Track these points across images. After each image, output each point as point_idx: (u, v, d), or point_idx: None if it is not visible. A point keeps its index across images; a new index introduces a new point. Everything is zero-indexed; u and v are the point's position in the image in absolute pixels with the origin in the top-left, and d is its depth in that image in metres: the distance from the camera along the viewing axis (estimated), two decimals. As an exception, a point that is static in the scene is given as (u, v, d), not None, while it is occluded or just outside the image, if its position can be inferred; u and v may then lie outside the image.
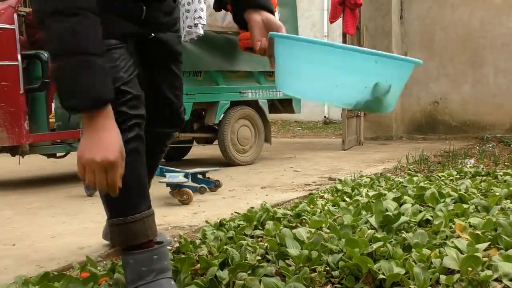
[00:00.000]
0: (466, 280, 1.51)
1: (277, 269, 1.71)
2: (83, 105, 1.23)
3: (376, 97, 1.34)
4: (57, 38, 1.22)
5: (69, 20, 1.21)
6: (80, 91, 1.22)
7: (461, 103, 7.89)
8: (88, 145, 1.23)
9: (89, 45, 1.24)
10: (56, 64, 1.23)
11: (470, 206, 2.44)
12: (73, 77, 1.22)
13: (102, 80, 1.25)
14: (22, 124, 3.86)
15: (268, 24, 1.55)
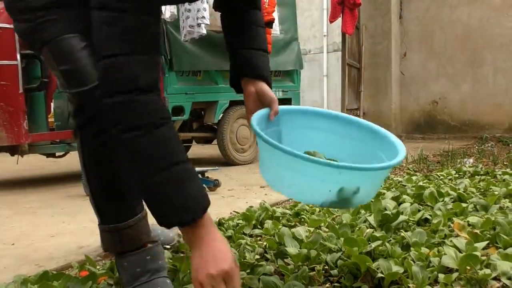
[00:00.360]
0: (465, 279, 1.51)
1: (276, 268, 1.71)
2: (191, 218, 1.15)
3: (343, 198, 1.33)
4: (146, 154, 1.13)
5: (157, 132, 1.13)
6: (183, 204, 1.14)
7: (460, 103, 7.90)
8: (201, 260, 1.15)
9: (179, 153, 1.17)
10: (149, 182, 1.13)
11: (469, 205, 2.44)
12: (174, 191, 1.13)
13: (198, 186, 1.19)
14: (21, 123, 3.86)
15: (261, 96, 1.52)
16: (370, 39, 8.09)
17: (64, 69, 1.34)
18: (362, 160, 1.55)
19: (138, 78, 1.13)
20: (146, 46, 1.17)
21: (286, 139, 1.63)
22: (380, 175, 1.38)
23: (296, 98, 6.18)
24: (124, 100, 1.12)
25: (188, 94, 4.93)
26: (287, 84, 6.04)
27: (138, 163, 1.14)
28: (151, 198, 1.16)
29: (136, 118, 1.12)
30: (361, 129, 1.61)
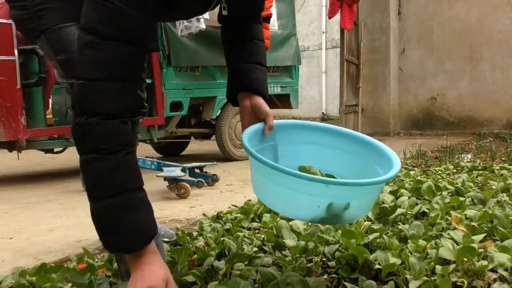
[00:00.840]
0: (462, 270, 1.51)
1: (273, 260, 1.71)
2: (133, 246, 1.16)
3: (332, 214, 1.31)
4: (99, 177, 1.13)
5: (111, 158, 1.14)
6: (128, 232, 1.15)
7: (458, 99, 7.90)
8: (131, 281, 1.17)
9: (131, 181, 1.17)
10: (98, 205, 1.15)
11: (467, 199, 2.44)
12: (119, 218, 1.14)
13: (147, 215, 1.19)
14: (19, 119, 3.85)
15: (256, 110, 1.52)
16: (368, 35, 8.07)
17: (61, 59, 1.34)
18: (358, 174, 1.54)
19: (107, 104, 1.14)
20: (126, 75, 1.17)
21: (282, 155, 1.62)
22: (371, 190, 1.35)
23: (295, 94, 6.18)
24: (90, 122, 1.12)
25: (186, 89, 4.92)
26: (286, 79, 6.03)
27: (91, 185, 1.16)
28: (97, 221, 1.16)
29: (96, 141, 1.13)
30: (357, 143, 1.60)
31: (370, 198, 1.40)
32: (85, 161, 1.14)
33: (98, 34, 1.12)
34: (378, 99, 8.28)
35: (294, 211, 1.40)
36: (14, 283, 1.48)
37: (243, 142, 1.38)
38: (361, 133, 1.62)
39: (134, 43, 1.15)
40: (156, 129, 4.87)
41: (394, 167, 1.38)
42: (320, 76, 13.12)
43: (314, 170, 1.52)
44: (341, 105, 6.73)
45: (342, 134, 1.63)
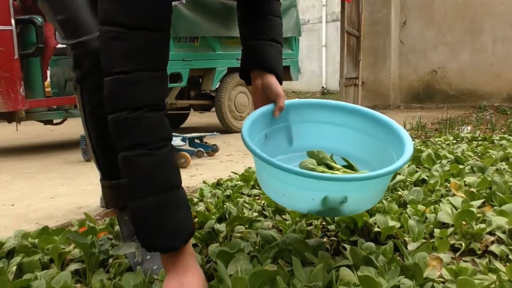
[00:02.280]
0: (460, 233, 1.53)
1: (274, 224, 1.73)
2: (174, 245, 1.13)
3: (329, 208, 1.27)
4: (145, 174, 1.09)
5: (156, 153, 1.09)
6: (171, 231, 1.11)
7: (459, 72, 7.85)
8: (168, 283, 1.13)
9: (175, 178, 1.14)
10: (141, 202, 1.10)
11: (466, 167, 2.45)
12: (163, 216, 1.10)
13: (187, 214, 1.16)
14: (18, 89, 3.84)
15: (267, 90, 1.45)
16: (369, 7, 7.98)
17: (61, 19, 1.32)
18: (374, 157, 1.49)
19: (148, 95, 1.10)
20: (155, 63, 1.13)
21: (297, 135, 1.56)
22: (371, 184, 1.26)
23: (295, 66, 6.14)
24: (133, 116, 1.08)
25: (185, 60, 4.89)
26: (286, 51, 5.98)
27: (135, 182, 1.11)
28: (139, 219, 1.12)
29: (141, 136, 1.09)
30: (375, 123, 1.50)
31: (372, 191, 1.32)
32: (127, 157, 1.09)
33: (123, 25, 1.07)
34: (378, 72, 8.24)
35: (290, 203, 1.39)
36: (16, 244, 1.50)
37: (242, 131, 1.33)
38: (377, 112, 1.53)
39: (159, 29, 1.11)
40: (156, 101, 4.85)
41: (402, 159, 1.28)
42: (320, 50, 13.02)
43: (323, 154, 1.46)
44: (341, 77, 6.69)
45: (359, 113, 1.54)
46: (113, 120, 1.10)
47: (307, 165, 1.40)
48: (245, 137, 1.29)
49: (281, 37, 1.53)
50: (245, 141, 1.28)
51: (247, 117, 1.41)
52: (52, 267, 1.39)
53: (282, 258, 1.37)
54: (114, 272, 1.34)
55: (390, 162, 1.30)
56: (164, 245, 1.12)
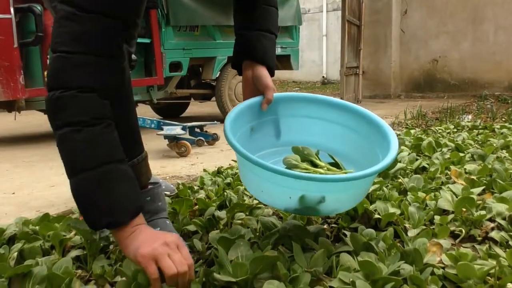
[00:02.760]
0: (460, 220, 1.53)
1: (274, 211, 1.73)
2: (121, 219, 1.08)
3: (306, 207, 1.26)
4: (77, 150, 1.08)
5: (88, 130, 1.08)
6: (114, 205, 1.08)
7: (460, 61, 7.82)
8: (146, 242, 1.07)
9: (111, 152, 1.11)
10: (77, 179, 1.08)
11: (466, 155, 2.45)
12: (102, 191, 1.07)
13: (131, 187, 1.12)
14: (17, 78, 3.82)
15: (256, 81, 1.43)
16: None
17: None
18: (360, 154, 1.47)
19: (84, 77, 1.10)
20: (105, 49, 1.12)
21: (284, 130, 1.54)
22: (351, 185, 1.24)
23: (295, 55, 6.12)
24: (66, 95, 1.08)
25: (185, 49, 4.86)
26: (286, 40, 5.96)
27: (68, 160, 1.10)
28: (78, 197, 1.09)
29: (72, 115, 1.08)
30: (363, 121, 1.49)
31: (352, 192, 1.29)
32: (60, 135, 1.09)
33: (78, 6, 1.08)
34: (379, 61, 8.21)
35: (267, 199, 1.37)
36: (17, 231, 1.50)
37: (225, 122, 1.30)
38: (368, 110, 1.51)
39: (114, 16, 1.11)
40: (156, 90, 4.84)
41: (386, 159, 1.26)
42: (320, 39, 12.97)
43: (308, 151, 1.45)
44: (342, 66, 6.67)
45: (348, 110, 1.52)
46: (48, 98, 1.10)
47: (291, 161, 1.39)
48: (227, 130, 1.27)
49: (276, 28, 1.51)
50: (226, 134, 1.26)
51: (232, 109, 1.38)
52: (53, 254, 1.40)
53: (283, 244, 1.37)
54: (115, 258, 1.34)
55: (376, 162, 1.28)
56: (110, 221, 1.08)
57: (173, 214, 1.65)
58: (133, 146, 1.45)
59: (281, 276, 1.13)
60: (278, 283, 1.07)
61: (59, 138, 1.09)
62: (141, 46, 4.49)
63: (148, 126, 3.68)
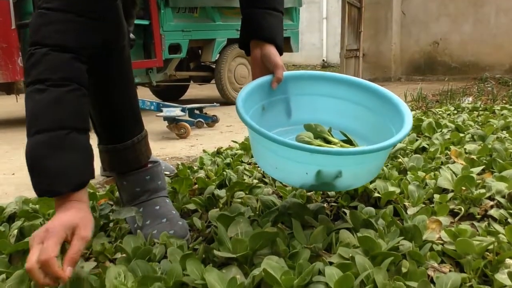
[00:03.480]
0: (460, 198, 1.53)
1: (274, 190, 1.73)
2: (57, 188, 1.03)
3: (323, 182, 1.25)
4: (37, 110, 1.05)
5: (52, 90, 1.05)
6: (56, 173, 1.03)
7: (461, 44, 7.78)
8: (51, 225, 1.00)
9: (72, 119, 1.07)
10: (31, 140, 1.04)
11: (466, 135, 2.45)
12: (49, 155, 1.03)
13: (81, 159, 1.08)
14: (16, 60, 3.80)
15: (266, 60, 1.40)
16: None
17: None
18: (373, 131, 1.46)
19: (59, 36, 1.07)
20: (88, 10, 1.10)
21: (296, 108, 1.52)
22: (368, 158, 1.23)
23: (295, 37, 6.08)
24: (39, 52, 1.06)
25: (184, 31, 4.83)
26: (286, 22, 5.89)
27: (28, 119, 1.06)
28: (28, 158, 1.05)
29: (41, 72, 1.05)
30: (375, 97, 1.47)
31: (368, 166, 1.28)
32: (28, 93, 1.06)
33: None
34: (379, 43, 8.16)
35: (282, 176, 1.36)
36: (17, 209, 1.50)
37: (237, 100, 1.29)
38: (379, 86, 1.49)
39: None
40: (155, 72, 4.82)
41: (400, 133, 1.24)
42: (321, 22, 12.87)
43: (321, 128, 1.43)
44: (342, 49, 6.64)
45: (359, 86, 1.50)
46: (26, 54, 1.09)
47: (304, 138, 1.37)
48: (240, 109, 1.26)
49: (282, 5, 1.48)
50: (240, 112, 1.25)
51: (243, 88, 1.38)
52: (53, 231, 1.40)
53: (282, 222, 1.37)
54: (115, 236, 1.35)
55: (389, 137, 1.26)
56: (48, 188, 1.03)
57: (172, 193, 1.65)
58: (133, 124, 1.45)
59: (280, 252, 1.14)
60: (277, 259, 1.07)
61: (26, 95, 1.07)
62: (140, 28, 4.46)
63: (147, 107, 3.67)
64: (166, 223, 1.35)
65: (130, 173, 1.44)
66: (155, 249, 1.20)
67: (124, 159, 1.43)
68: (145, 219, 1.38)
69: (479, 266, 1.06)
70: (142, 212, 1.39)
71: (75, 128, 1.07)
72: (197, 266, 1.05)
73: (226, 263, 1.14)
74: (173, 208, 1.45)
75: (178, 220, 1.37)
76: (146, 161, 1.50)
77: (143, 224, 1.37)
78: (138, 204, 1.43)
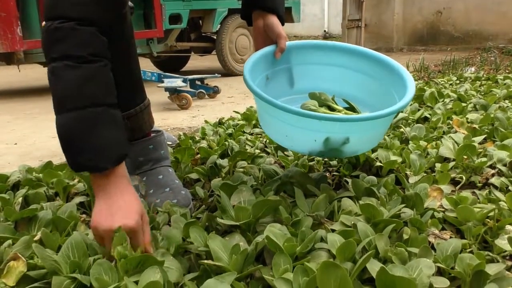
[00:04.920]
0: (461, 167, 1.53)
1: (276, 160, 1.74)
2: (101, 164, 1.02)
3: (330, 148, 1.27)
4: (71, 86, 1.02)
5: (86, 66, 1.03)
6: (96, 148, 1.02)
7: (464, 13, 7.67)
8: (106, 212, 1.01)
9: (106, 95, 1.07)
10: (65, 117, 1.02)
11: (469, 105, 2.44)
12: (87, 132, 1.02)
13: (118, 134, 1.07)
14: (15, 30, 3.76)
15: (269, 31, 1.42)
16: None
17: None
18: (376, 98, 1.48)
19: (86, 8, 1.05)
20: None
21: (298, 77, 1.55)
22: (374, 124, 1.26)
23: (297, 7, 6.00)
24: (65, 26, 1.03)
25: (185, 1, 4.77)
26: (287, -8, 5.84)
27: (60, 95, 1.04)
28: (63, 135, 1.03)
29: (71, 47, 1.03)
30: (377, 64, 1.49)
31: (374, 132, 1.32)
32: (55, 68, 1.03)
33: None
34: (382, 13, 8.06)
35: (291, 144, 1.39)
36: (21, 178, 1.51)
37: (244, 71, 1.31)
38: (381, 54, 1.51)
39: None
40: (156, 42, 4.78)
41: (404, 98, 1.28)
42: (322, -9, 12.70)
43: (325, 96, 1.46)
44: (344, 19, 6.57)
45: (361, 54, 1.53)
46: (45, 29, 1.05)
47: (309, 106, 1.40)
48: (248, 79, 1.28)
49: None
50: (247, 82, 1.27)
51: (248, 59, 1.39)
52: (57, 200, 1.41)
53: (285, 191, 1.38)
54: (119, 204, 1.35)
55: (392, 104, 1.29)
56: (88, 164, 1.03)
57: (175, 163, 1.66)
58: (135, 93, 1.44)
59: (283, 220, 1.15)
60: (280, 226, 1.08)
61: (53, 70, 1.04)
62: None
63: (148, 78, 3.65)
64: (169, 193, 1.36)
65: (133, 143, 1.44)
66: (159, 217, 1.21)
67: (127, 128, 1.43)
68: (148, 188, 1.39)
69: (479, 233, 1.08)
70: (145, 181, 1.40)
71: (108, 104, 1.07)
72: (200, 233, 1.05)
73: (229, 230, 1.15)
74: (176, 178, 1.46)
75: (181, 189, 1.38)
76: (149, 130, 1.50)
77: (146, 193, 1.37)
78: (141, 173, 1.44)
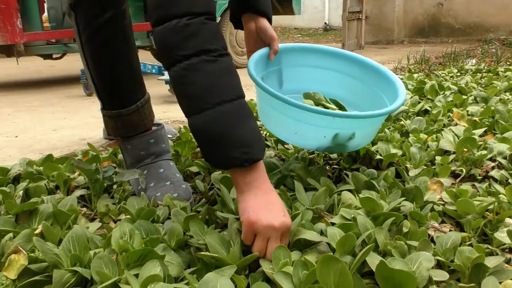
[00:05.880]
0: (461, 160, 1.54)
1: (276, 153, 1.74)
2: (254, 156, 1.00)
3: (338, 144, 1.33)
4: (214, 81, 1.01)
5: (222, 60, 1.02)
6: (248, 141, 1.01)
7: (466, 4, 7.64)
8: (262, 209, 0.99)
9: (241, 87, 1.06)
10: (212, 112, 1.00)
11: (469, 97, 2.44)
12: (237, 125, 1.01)
13: (256, 123, 1.06)
14: (15, 22, 3.75)
15: (262, 34, 1.44)
16: None
17: None
18: (364, 100, 1.58)
19: (205, 2, 1.05)
20: None
21: (287, 79, 1.61)
22: (376, 120, 1.38)
23: (297, 0, 5.97)
24: (195, 22, 1.02)
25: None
26: (288, -17, 5.81)
27: (201, 92, 1.02)
28: (211, 131, 1.01)
29: (205, 42, 1.02)
30: (364, 68, 1.60)
31: (374, 127, 1.42)
32: (190, 65, 1.01)
33: None
34: (382, 5, 8.02)
35: (299, 140, 1.43)
36: (22, 171, 1.51)
37: (249, 71, 1.34)
38: (368, 59, 1.62)
39: None
40: (156, 35, 4.76)
41: (400, 96, 1.39)
42: (323, -17, 12.63)
43: (319, 96, 1.54)
44: (345, 11, 6.53)
45: (349, 58, 1.63)
46: (171, 27, 1.02)
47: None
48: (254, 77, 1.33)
49: None
50: (257, 82, 1.32)
51: (250, 59, 1.43)
52: (57, 193, 1.42)
53: (285, 185, 1.38)
54: (119, 197, 1.36)
55: (379, 102, 1.44)
56: (244, 157, 1.00)
57: (175, 156, 1.66)
58: (136, 88, 1.44)
59: (283, 213, 1.15)
60: (280, 219, 1.08)
61: (189, 67, 1.02)
62: (140, -12, 4.39)
63: (149, 71, 3.64)
64: (170, 186, 1.36)
65: (134, 137, 1.44)
66: (159, 211, 1.21)
67: (129, 124, 1.43)
68: (148, 181, 1.39)
69: (479, 226, 1.08)
70: (146, 174, 1.40)
71: (243, 95, 1.08)
72: (200, 227, 1.06)
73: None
74: (177, 171, 1.46)
75: (182, 183, 1.38)
76: (150, 124, 1.50)
77: (146, 186, 1.38)
78: (142, 166, 1.44)
